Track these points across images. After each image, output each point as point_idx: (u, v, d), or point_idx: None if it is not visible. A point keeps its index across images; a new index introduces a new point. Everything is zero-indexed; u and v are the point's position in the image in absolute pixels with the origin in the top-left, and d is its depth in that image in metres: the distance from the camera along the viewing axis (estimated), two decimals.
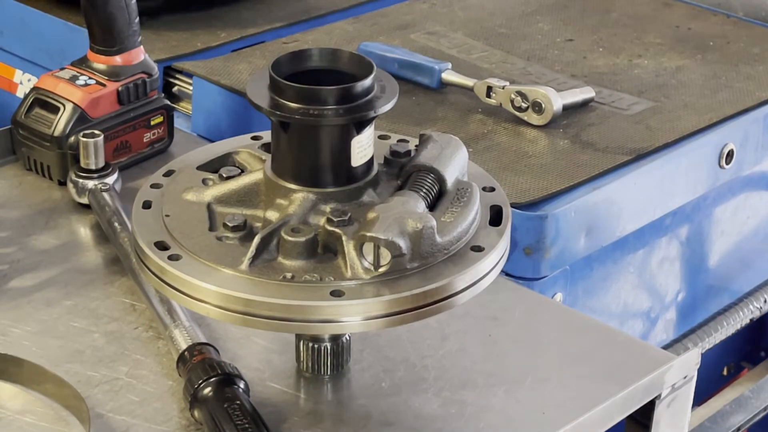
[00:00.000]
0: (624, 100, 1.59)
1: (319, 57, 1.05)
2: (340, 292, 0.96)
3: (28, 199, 1.36)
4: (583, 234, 1.39)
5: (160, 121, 1.44)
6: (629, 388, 1.10)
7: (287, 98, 1.00)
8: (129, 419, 1.05)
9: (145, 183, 1.09)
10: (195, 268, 0.99)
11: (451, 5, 1.86)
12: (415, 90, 1.59)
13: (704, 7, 1.88)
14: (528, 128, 1.51)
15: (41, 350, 1.12)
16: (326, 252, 1.00)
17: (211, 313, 0.98)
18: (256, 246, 0.98)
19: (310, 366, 1.10)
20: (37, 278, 1.23)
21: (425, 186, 1.03)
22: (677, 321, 1.62)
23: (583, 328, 1.19)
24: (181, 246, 1.01)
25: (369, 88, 1.02)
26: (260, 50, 1.70)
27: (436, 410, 1.07)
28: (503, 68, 1.66)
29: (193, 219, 1.03)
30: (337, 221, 0.99)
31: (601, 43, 1.75)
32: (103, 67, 1.40)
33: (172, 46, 1.71)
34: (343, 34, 1.75)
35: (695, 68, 1.69)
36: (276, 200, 1.03)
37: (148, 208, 1.05)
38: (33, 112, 1.39)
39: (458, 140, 1.08)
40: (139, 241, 1.02)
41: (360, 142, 1.02)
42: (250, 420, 1.00)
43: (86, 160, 1.32)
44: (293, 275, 0.98)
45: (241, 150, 1.11)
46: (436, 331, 1.16)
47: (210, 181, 1.08)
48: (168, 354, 1.12)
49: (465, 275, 0.99)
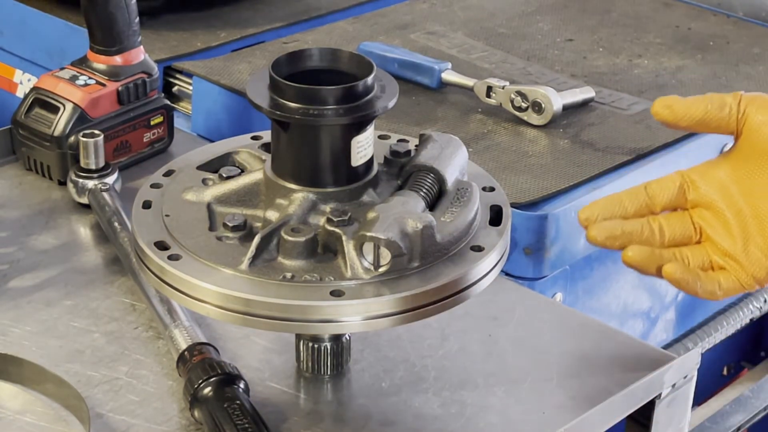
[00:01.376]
0: (624, 100, 1.59)
1: (319, 57, 1.05)
2: (340, 292, 0.96)
3: (28, 199, 1.36)
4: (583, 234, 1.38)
5: (160, 121, 1.44)
6: (629, 388, 1.10)
7: (287, 98, 1.00)
8: (129, 419, 1.05)
9: (145, 183, 1.09)
10: (195, 268, 0.99)
11: (451, 5, 1.86)
12: (415, 90, 1.59)
13: (704, 7, 1.88)
14: (528, 128, 1.51)
15: (41, 350, 1.12)
16: (326, 252, 1.00)
17: (211, 313, 0.98)
18: (256, 246, 0.98)
19: (310, 366, 1.10)
20: (37, 278, 1.23)
21: (425, 186, 1.03)
22: (677, 321, 1.62)
23: (583, 328, 1.19)
24: (181, 246, 1.01)
25: (369, 88, 1.02)
26: (260, 50, 1.70)
27: (436, 410, 1.07)
28: (503, 68, 1.66)
29: (193, 219, 1.03)
30: (337, 221, 0.99)
31: (601, 43, 1.75)
32: (103, 67, 1.40)
33: (172, 46, 1.71)
34: (343, 34, 1.75)
35: (695, 68, 1.69)
36: (276, 200, 1.03)
37: (148, 208, 1.05)
38: (33, 112, 1.39)
39: (458, 140, 1.08)
40: (139, 241, 1.02)
41: (360, 142, 1.02)
42: (250, 420, 1.00)
43: (86, 160, 1.32)
44: (293, 275, 0.98)
45: (241, 150, 1.11)
46: (436, 331, 1.16)
47: (210, 181, 1.08)
48: (168, 354, 1.12)
49: (465, 275, 0.99)
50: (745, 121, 1.08)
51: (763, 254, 1.07)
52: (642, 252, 1.08)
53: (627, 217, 1.09)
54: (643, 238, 1.08)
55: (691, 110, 1.09)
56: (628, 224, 1.09)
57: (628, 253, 1.08)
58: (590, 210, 1.10)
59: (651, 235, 1.09)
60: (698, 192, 1.09)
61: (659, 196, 1.10)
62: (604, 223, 1.09)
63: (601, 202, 1.10)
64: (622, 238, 1.08)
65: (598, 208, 1.10)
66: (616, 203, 1.10)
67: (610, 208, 1.10)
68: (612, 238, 1.08)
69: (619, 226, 1.08)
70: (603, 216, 1.09)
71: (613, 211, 1.09)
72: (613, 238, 1.08)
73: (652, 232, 1.09)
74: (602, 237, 1.08)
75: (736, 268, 1.08)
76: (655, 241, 1.09)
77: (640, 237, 1.08)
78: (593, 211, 1.10)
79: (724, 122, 1.09)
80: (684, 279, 1.07)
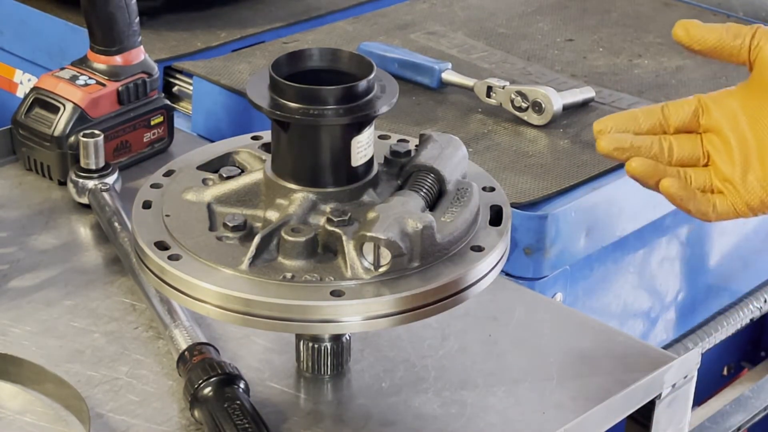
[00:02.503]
0: (624, 100, 1.59)
1: (319, 57, 1.05)
2: (340, 292, 0.96)
3: (28, 199, 1.36)
4: (583, 234, 1.39)
5: (160, 121, 1.44)
6: (629, 388, 1.10)
7: (288, 98, 1.00)
8: (129, 419, 1.05)
9: (145, 183, 1.09)
10: (195, 268, 0.99)
11: (451, 5, 1.86)
12: (415, 90, 1.59)
13: (704, 7, 1.88)
14: (528, 128, 1.51)
15: (41, 350, 1.12)
16: (326, 252, 1.00)
17: (211, 313, 0.98)
18: (256, 246, 0.98)
19: (310, 366, 1.10)
20: (37, 278, 1.23)
21: (425, 186, 1.03)
22: (677, 321, 1.62)
23: (583, 328, 1.19)
24: (181, 246, 1.01)
25: (369, 88, 1.02)
26: (260, 50, 1.70)
27: (436, 410, 1.07)
28: (503, 68, 1.66)
29: (193, 219, 1.03)
30: (337, 221, 0.99)
31: (601, 43, 1.75)
32: (103, 67, 1.40)
33: (172, 46, 1.71)
34: (343, 34, 1.75)
35: (695, 68, 1.69)
36: (276, 200, 1.03)
37: (148, 208, 1.05)
38: (33, 112, 1.39)
39: (458, 140, 1.08)
40: (139, 240, 1.02)
41: (360, 142, 1.02)
42: (250, 420, 1.00)
43: (86, 160, 1.32)
44: (293, 275, 0.98)
45: (241, 150, 1.11)
46: (436, 331, 1.16)
47: (210, 181, 1.08)
48: (168, 354, 1.12)
49: (465, 275, 0.99)
50: (758, 53, 1.08)
51: (759, 184, 1.07)
52: (646, 164, 1.07)
53: (640, 132, 1.09)
54: (651, 154, 1.08)
55: (706, 35, 1.09)
56: (638, 139, 1.08)
57: (632, 164, 1.07)
58: (605, 122, 1.09)
59: (660, 152, 1.08)
60: (710, 117, 1.09)
61: (674, 117, 1.09)
62: (616, 135, 1.08)
63: (617, 116, 1.09)
64: (630, 151, 1.07)
65: (613, 121, 1.09)
66: (631, 119, 1.09)
67: (625, 122, 1.09)
68: (620, 150, 1.07)
69: (629, 139, 1.07)
70: (617, 129, 1.08)
71: (627, 126, 1.09)
72: (622, 150, 1.07)
73: (662, 149, 1.08)
74: (611, 147, 1.07)
75: (733, 193, 1.07)
76: (663, 159, 1.08)
77: (648, 152, 1.08)
78: (607, 124, 1.09)
79: (736, 51, 1.09)
80: (679, 195, 1.07)
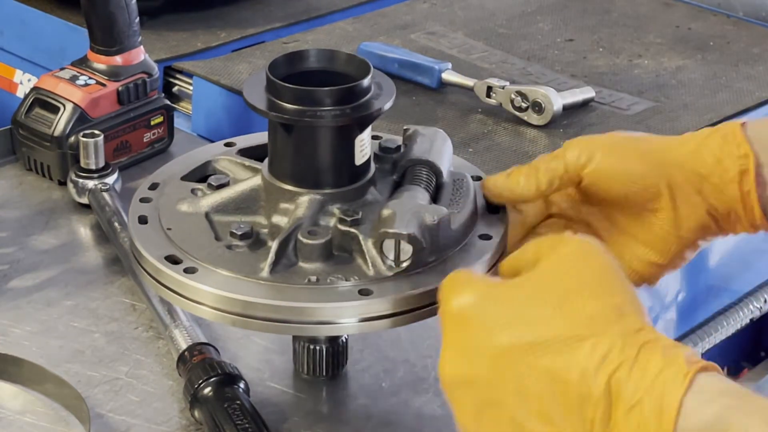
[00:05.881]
0: (624, 100, 1.59)
1: (316, 58, 1.05)
2: (368, 290, 0.96)
3: (28, 199, 1.36)
4: None
5: (160, 121, 1.44)
6: None
7: (291, 100, 1.00)
8: (129, 419, 1.05)
9: (134, 198, 1.06)
10: (215, 280, 0.97)
11: (451, 5, 1.86)
12: (415, 90, 1.59)
13: (704, 7, 1.88)
14: (528, 128, 1.51)
15: (41, 350, 1.12)
16: (341, 252, 0.99)
17: (237, 323, 0.96)
18: (275, 252, 0.98)
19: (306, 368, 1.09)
20: (37, 278, 1.23)
21: (424, 179, 1.03)
22: (677, 321, 1.62)
23: None
24: (193, 258, 0.99)
25: (369, 87, 1.02)
26: (260, 50, 1.70)
27: (436, 410, 1.07)
28: (503, 68, 1.66)
29: (195, 230, 1.01)
30: (351, 221, 0.99)
31: (601, 43, 1.75)
32: (103, 67, 1.40)
33: (172, 46, 1.71)
34: (343, 34, 1.75)
35: (695, 68, 1.69)
36: (280, 204, 1.02)
37: (145, 223, 1.04)
38: (33, 112, 1.39)
39: (443, 132, 1.09)
40: (148, 257, 0.99)
41: (363, 141, 1.02)
42: (250, 420, 1.00)
43: (86, 160, 1.32)
44: (318, 278, 0.97)
45: (221, 158, 1.10)
46: (436, 331, 1.16)
47: (199, 192, 1.06)
48: (168, 354, 1.12)
49: (482, 263, 0.99)
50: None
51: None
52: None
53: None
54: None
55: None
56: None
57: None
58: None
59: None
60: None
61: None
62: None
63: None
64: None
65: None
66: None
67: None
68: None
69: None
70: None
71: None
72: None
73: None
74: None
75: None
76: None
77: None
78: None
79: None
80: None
